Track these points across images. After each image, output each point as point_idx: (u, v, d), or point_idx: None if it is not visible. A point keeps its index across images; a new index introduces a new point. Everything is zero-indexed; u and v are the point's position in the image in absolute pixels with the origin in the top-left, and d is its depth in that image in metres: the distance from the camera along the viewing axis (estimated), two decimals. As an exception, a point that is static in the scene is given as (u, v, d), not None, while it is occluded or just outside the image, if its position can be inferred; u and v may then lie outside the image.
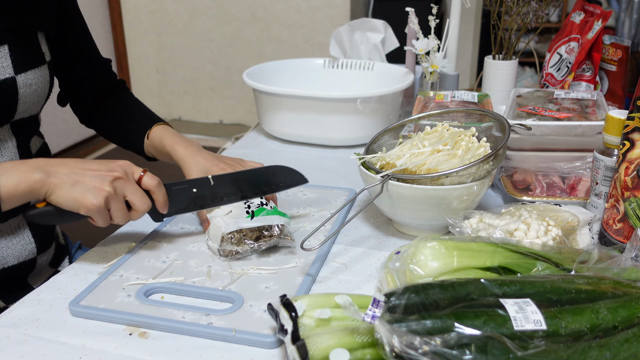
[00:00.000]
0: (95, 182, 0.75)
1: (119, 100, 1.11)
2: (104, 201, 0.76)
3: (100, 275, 0.79)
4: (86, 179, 0.76)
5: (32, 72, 0.87)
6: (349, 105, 1.24)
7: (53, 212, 0.77)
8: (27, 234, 0.93)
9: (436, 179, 0.82)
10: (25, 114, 0.89)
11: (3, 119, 0.86)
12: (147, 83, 3.99)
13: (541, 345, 0.51)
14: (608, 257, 0.69)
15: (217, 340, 0.66)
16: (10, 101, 0.85)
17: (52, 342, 0.66)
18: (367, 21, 1.53)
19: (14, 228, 0.91)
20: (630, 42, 1.22)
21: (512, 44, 1.35)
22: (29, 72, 0.86)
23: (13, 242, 0.91)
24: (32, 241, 0.94)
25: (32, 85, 0.87)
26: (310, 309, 0.59)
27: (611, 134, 0.86)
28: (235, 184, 0.85)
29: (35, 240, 0.94)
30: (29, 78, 0.86)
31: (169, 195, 0.83)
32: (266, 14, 3.62)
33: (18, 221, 0.92)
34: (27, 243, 0.93)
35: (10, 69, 0.83)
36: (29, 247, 0.93)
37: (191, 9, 3.72)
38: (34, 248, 0.94)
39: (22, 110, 0.88)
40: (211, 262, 0.82)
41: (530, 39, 1.70)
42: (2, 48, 0.83)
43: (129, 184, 0.78)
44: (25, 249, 0.93)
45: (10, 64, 0.83)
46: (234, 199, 0.85)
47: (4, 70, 0.83)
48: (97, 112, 1.10)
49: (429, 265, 0.67)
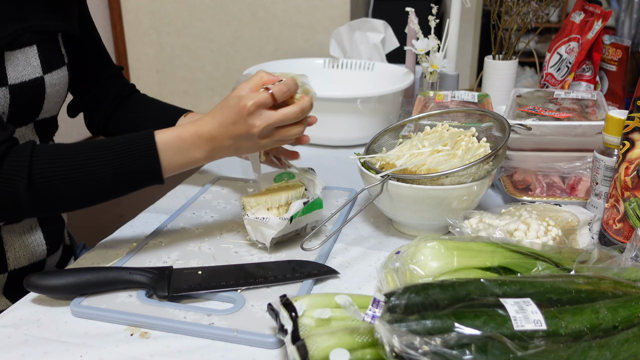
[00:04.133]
0: (249, 144, 0.80)
1: (138, 99, 1.09)
2: (267, 146, 0.81)
3: (101, 275, 0.79)
4: (241, 144, 0.80)
5: (56, 73, 0.89)
6: (349, 105, 1.24)
7: None
8: (39, 235, 0.94)
9: (436, 179, 0.82)
10: (48, 114, 0.91)
11: (30, 117, 0.88)
12: (147, 83, 3.99)
13: (541, 345, 0.51)
14: (608, 257, 0.69)
15: (219, 340, 0.67)
16: (38, 100, 0.87)
17: (53, 342, 0.67)
18: (367, 21, 1.53)
19: (26, 229, 0.92)
20: (630, 42, 1.22)
21: (512, 44, 1.35)
22: (53, 72, 0.88)
23: (26, 243, 0.92)
24: (43, 242, 0.94)
25: (56, 85, 0.89)
26: (310, 309, 0.59)
27: (611, 134, 0.86)
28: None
29: (47, 242, 0.95)
30: (54, 78, 0.88)
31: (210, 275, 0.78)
32: (266, 14, 3.62)
33: (31, 222, 0.92)
34: (39, 244, 0.94)
35: (40, 69, 0.85)
36: (40, 249, 0.94)
37: (191, 9, 3.72)
38: (44, 250, 0.95)
39: (45, 110, 0.89)
40: (212, 262, 0.82)
41: (530, 39, 1.70)
42: (32, 48, 0.84)
43: (273, 120, 0.78)
44: (37, 250, 0.93)
45: (39, 63, 0.85)
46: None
47: (34, 70, 0.84)
48: (115, 116, 1.07)
49: (429, 265, 0.67)
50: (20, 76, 0.82)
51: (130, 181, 0.77)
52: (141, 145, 0.77)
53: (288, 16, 3.59)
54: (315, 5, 3.53)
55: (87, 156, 0.75)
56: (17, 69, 0.82)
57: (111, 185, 0.76)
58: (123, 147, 0.76)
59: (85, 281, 0.72)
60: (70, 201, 0.77)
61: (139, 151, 0.77)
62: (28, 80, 0.83)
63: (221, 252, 0.85)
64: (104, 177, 0.75)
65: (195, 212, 0.97)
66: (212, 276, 0.75)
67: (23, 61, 0.83)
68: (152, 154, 0.77)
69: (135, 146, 0.77)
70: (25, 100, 0.84)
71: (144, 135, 0.78)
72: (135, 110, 1.07)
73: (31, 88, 0.84)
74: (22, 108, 0.84)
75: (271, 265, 0.79)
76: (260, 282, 0.75)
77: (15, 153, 0.73)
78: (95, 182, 0.75)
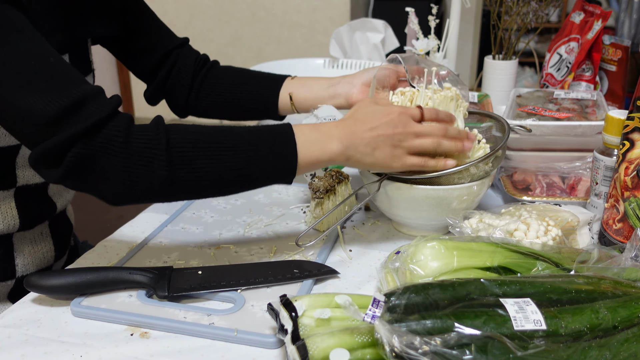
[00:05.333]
0: (388, 145, 0.76)
1: (223, 71, 1.04)
2: (404, 155, 0.77)
3: (101, 275, 0.79)
4: (380, 144, 0.76)
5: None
6: (349, 106, 1.24)
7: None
8: (49, 241, 0.93)
9: (436, 179, 0.82)
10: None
11: None
12: (147, 83, 3.99)
13: (541, 345, 0.51)
14: (608, 257, 0.69)
15: (219, 340, 0.67)
16: None
17: (53, 342, 0.67)
18: (367, 21, 1.53)
19: (37, 235, 0.91)
20: (630, 42, 1.22)
21: (512, 44, 1.35)
22: None
23: (36, 250, 0.91)
24: (52, 249, 0.94)
25: None
26: (310, 309, 0.59)
27: (611, 134, 0.86)
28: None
29: (55, 247, 0.94)
30: None
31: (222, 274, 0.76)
32: (266, 14, 3.62)
33: (42, 228, 0.92)
34: (48, 251, 0.93)
35: None
36: (49, 255, 0.93)
37: (191, 9, 3.72)
38: (53, 256, 0.94)
39: None
40: (212, 262, 0.82)
41: (530, 39, 1.70)
42: (65, 57, 0.82)
43: (415, 127, 0.78)
44: (45, 257, 0.93)
45: None
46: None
47: None
48: (203, 93, 1.02)
49: (429, 265, 0.67)
50: None
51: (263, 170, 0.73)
52: (278, 130, 0.74)
53: (288, 16, 3.60)
54: (315, 5, 3.53)
55: (224, 135, 0.71)
56: None
57: (244, 173, 0.72)
58: (264, 132, 0.73)
59: (85, 281, 0.72)
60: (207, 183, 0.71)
61: (276, 135, 0.73)
62: None
63: (221, 252, 0.85)
64: (242, 160, 0.71)
65: (195, 212, 0.97)
66: (212, 276, 0.75)
67: None
68: (289, 138, 0.73)
69: (273, 131, 0.74)
70: None
71: (282, 124, 0.75)
72: (226, 82, 1.02)
73: None
74: None
75: (271, 265, 0.79)
76: (260, 282, 0.75)
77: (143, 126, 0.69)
78: (232, 163, 0.70)
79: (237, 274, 0.76)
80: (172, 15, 3.75)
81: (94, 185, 0.67)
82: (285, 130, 0.74)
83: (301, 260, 0.81)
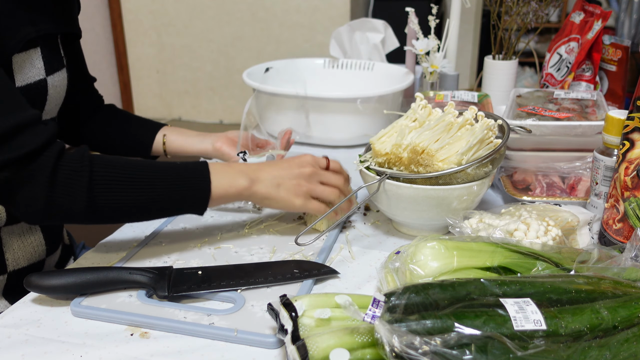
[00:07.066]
0: (293, 183, 0.83)
1: (111, 111, 1.12)
2: (307, 196, 0.83)
3: (101, 275, 0.79)
4: (285, 182, 0.83)
5: (58, 74, 0.89)
6: (349, 105, 1.24)
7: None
8: (38, 235, 0.94)
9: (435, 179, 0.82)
10: (48, 115, 0.91)
11: None
12: (147, 83, 3.99)
13: (541, 345, 0.51)
14: (608, 257, 0.69)
15: (219, 340, 0.67)
16: (42, 101, 0.87)
17: (53, 342, 0.67)
18: (367, 21, 1.53)
19: (26, 229, 0.92)
20: (630, 42, 1.22)
21: (512, 44, 1.35)
22: (55, 74, 0.89)
23: (25, 244, 0.92)
24: (42, 242, 0.95)
25: (57, 87, 0.90)
26: (310, 309, 0.59)
27: (611, 134, 0.86)
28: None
29: (46, 242, 0.95)
30: (55, 80, 0.89)
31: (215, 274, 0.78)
32: (266, 14, 3.62)
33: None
34: (39, 245, 0.94)
35: (43, 71, 0.86)
36: (39, 249, 0.94)
37: (191, 9, 3.72)
38: (44, 250, 0.95)
39: (47, 111, 0.90)
40: (212, 262, 0.82)
41: (530, 39, 1.70)
42: (36, 50, 0.85)
43: (320, 172, 0.86)
44: (36, 250, 0.94)
45: (43, 65, 0.86)
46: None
47: (38, 72, 0.85)
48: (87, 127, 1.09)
49: (429, 265, 0.67)
50: (26, 79, 0.83)
51: (179, 200, 0.78)
52: (195, 165, 0.80)
53: (288, 16, 3.60)
54: (315, 5, 3.53)
55: (143, 170, 0.77)
56: (23, 72, 0.82)
57: (160, 204, 0.78)
58: (179, 167, 0.79)
59: (85, 281, 0.72)
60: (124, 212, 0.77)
61: (194, 172, 0.79)
62: (32, 83, 0.84)
63: (221, 252, 0.85)
64: (158, 193, 0.77)
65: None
66: (212, 276, 0.75)
67: (29, 64, 0.83)
68: (204, 174, 0.79)
69: (190, 166, 0.80)
70: (30, 102, 0.84)
71: (197, 162, 0.81)
72: (110, 122, 1.09)
73: (35, 90, 0.85)
74: None
75: (271, 265, 0.79)
76: (260, 282, 0.75)
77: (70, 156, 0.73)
78: (148, 196, 0.77)
79: (237, 274, 0.76)
80: (172, 15, 3.76)
81: (14, 207, 0.73)
82: (201, 168, 0.80)
83: (301, 260, 0.81)
